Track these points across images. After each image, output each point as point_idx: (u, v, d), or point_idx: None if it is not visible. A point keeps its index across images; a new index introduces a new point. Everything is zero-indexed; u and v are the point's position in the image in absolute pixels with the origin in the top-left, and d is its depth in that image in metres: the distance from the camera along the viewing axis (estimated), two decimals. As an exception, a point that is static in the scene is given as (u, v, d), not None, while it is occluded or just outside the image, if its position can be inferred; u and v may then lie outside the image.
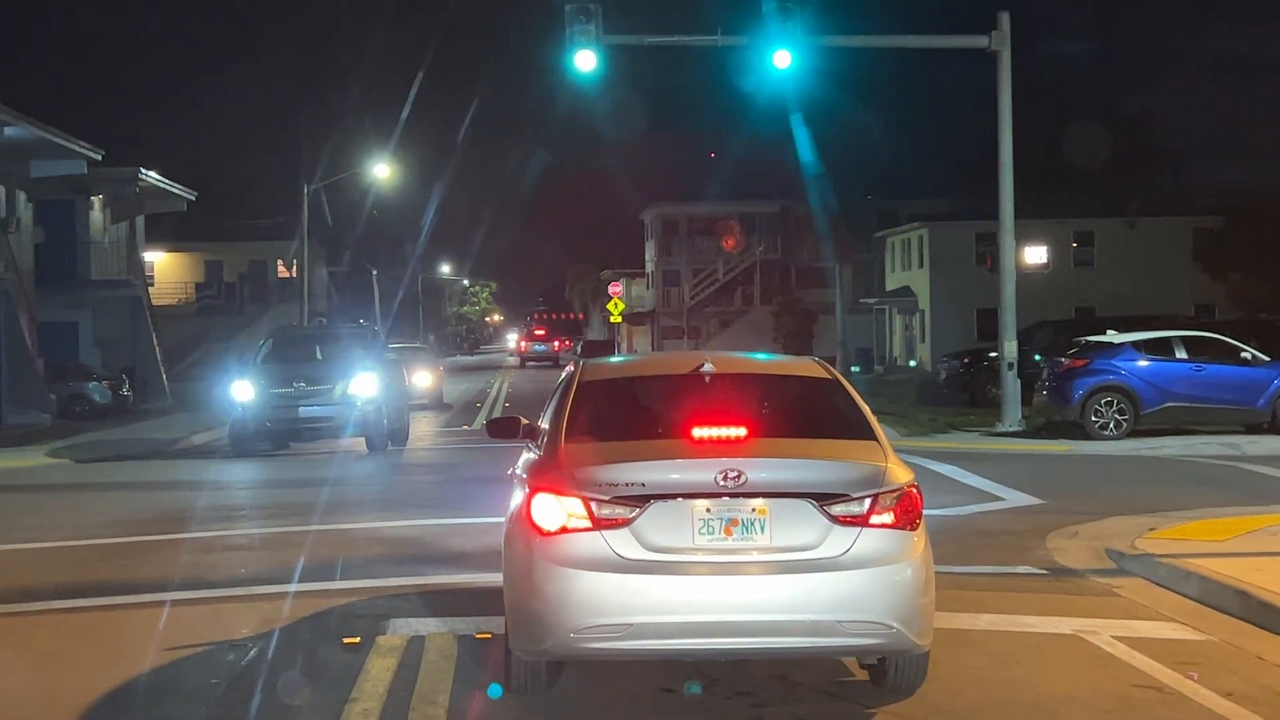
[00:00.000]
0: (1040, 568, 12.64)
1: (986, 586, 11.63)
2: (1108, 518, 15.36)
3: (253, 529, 16.01)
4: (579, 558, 7.29)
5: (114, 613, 11.11)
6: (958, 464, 21.71)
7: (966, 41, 29.22)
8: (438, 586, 11.76)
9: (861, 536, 7.40)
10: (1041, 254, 61.75)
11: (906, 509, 7.58)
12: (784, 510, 7.39)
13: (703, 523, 7.34)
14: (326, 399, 26.51)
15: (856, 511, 7.43)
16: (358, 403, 26.41)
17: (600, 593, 7.23)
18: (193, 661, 9.35)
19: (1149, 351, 26.39)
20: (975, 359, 39.33)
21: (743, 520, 7.36)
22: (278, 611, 10.85)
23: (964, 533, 14.66)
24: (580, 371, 8.74)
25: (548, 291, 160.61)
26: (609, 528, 7.31)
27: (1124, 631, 9.87)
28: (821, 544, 7.37)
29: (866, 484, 7.50)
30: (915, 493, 7.68)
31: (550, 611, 7.30)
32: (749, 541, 7.36)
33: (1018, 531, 14.74)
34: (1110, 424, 25.92)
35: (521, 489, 7.93)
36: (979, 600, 10.92)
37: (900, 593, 7.43)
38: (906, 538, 7.54)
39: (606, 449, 7.75)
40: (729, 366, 8.78)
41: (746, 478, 7.35)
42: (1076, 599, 11.17)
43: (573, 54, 27.24)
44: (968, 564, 12.55)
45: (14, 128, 35.50)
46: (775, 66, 27.77)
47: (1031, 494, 17.86)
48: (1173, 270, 62.40)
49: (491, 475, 19.02)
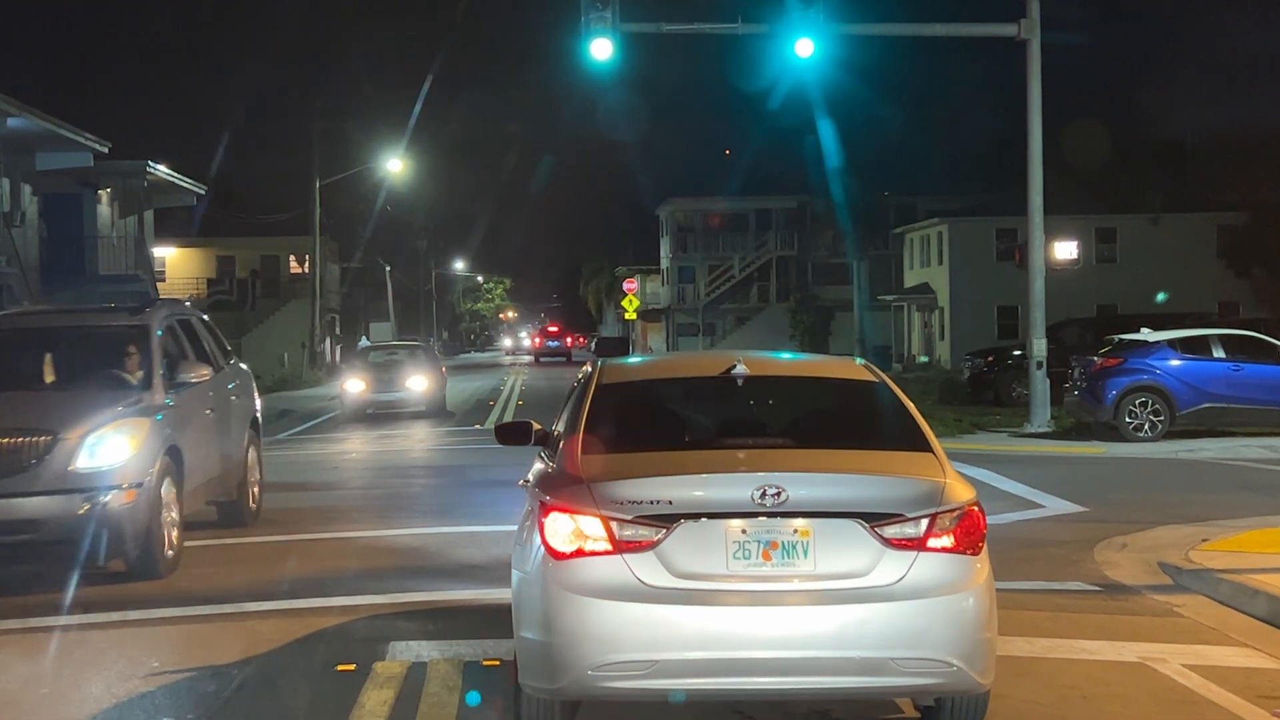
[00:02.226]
0: (1092, 583, 11.75)
1: (1039, 605, 10.75)
2: (1155, 527, 14.51)
3: (243, 538, 15.10)
4: (598, 585, 6.48)
5: (91, 633, 10.24)
6: (990, 467, 20.80)
7: (995, 29, 28.33)
8: (442, 604, 10.89)
9: (918, 562, 6.57)
10: (1072, 249, 60.50)
11: (968, 530, 6.71)
12: (830, 532, 6.56)
13: (738, 546, 6.53)
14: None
15: (912, 534, 6.59)
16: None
17: (622, 625, 6.42)
18: (169, 692, 8.50)
19: (1185, 350, 25.44)
20: (1000, 357, 38.43)
21: (783, 543, 6.54)
22: (268, 632, 9.99)
23: (1007, 544, 13.72)
24: (599, 373, 7.92)
25: (561, 288, 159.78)
26: (632, 551, 6.50)
27: (1194, 659, 9.00)
28: (872, 570, 6.54)
29: (923, 502, 6.66)
30: (978, 512, 6.82)
31: (566, 646, 6.48)
32: (790, 567, 6.54)
33: (1063, 542, 13.84)
34: (1145, 425, 24.99)
35: (533, 504, 7.09)
36: (1033, 622, 10.03)
37: (962, 626, 6.57)
38: (968, 563, 6.69)
39: (629, 461, 6.92)
40: (763, 368, 8.00)
41: (787, 495, 6.52)
42: (1137, 620, 10.29)
43: (589, 42, 26.47)
44: (1015, 579, 11.67)
45: (18, 119, 34.72)
46: (797, 55, 26.95)
47: (1071, 500, 16.92)
48: (1196, 267, 61.46)
49: (501, 479, 18.24)
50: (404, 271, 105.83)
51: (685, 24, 27.87)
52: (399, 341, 55.95)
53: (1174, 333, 26.51)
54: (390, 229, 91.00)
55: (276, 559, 13.45)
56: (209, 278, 74.54)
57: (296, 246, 71.56)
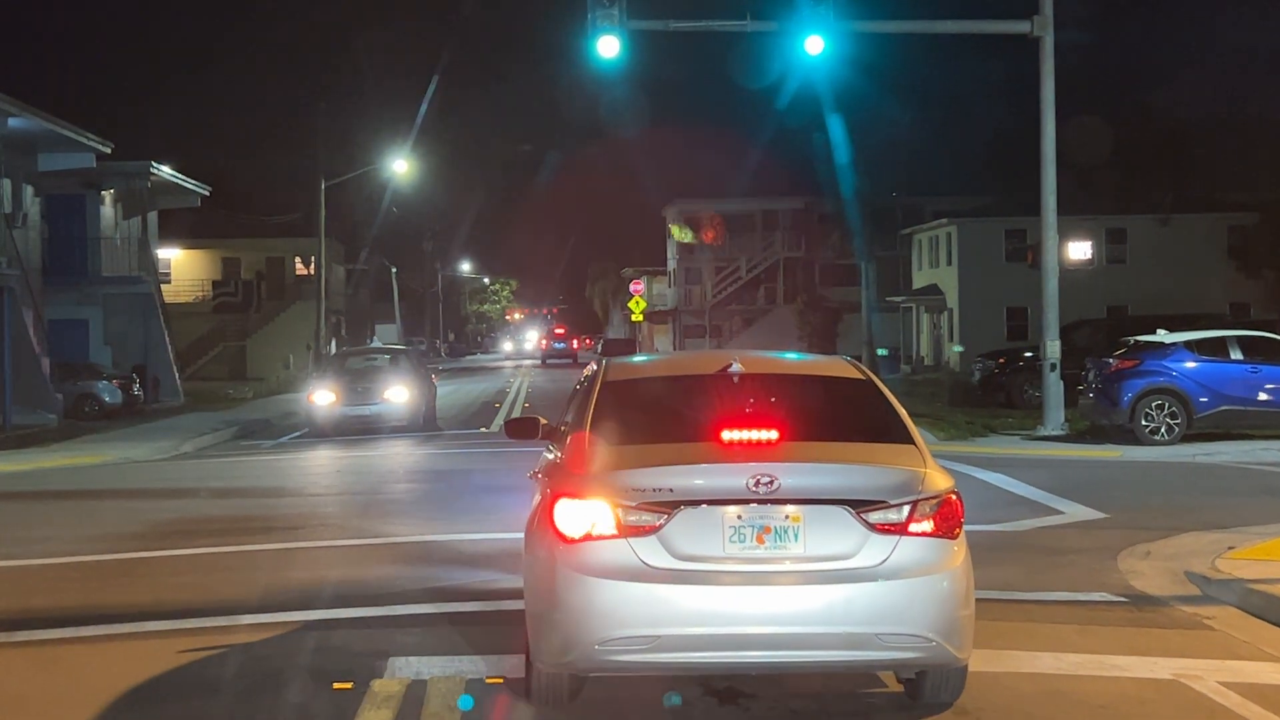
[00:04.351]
0: (1118, 594, 11.32)
1: (1065, 618, 10.34)
2: (1178, 534, 14.09)
3: (241, 545, 14.70)
4: (604, 566, 7.00)
5: (78, 646, 9.83)
6: (1004, 471, 20.40)
7: (1007, 27, 27.95)
8: (445, 615, 10.46)
9: (900, 545, 7.10)
10: (1086, 250, 59.71)
11: (946, 516, 7.24)
12: (819, 517, 7.08)
13: (734, 530, 7.06)
14: None
15: (895, 519, 7.12)
16: None
17: (626, 603, 6.94)
18: (155, 712, 8.11)
19: (1202, 352, 24.98)
20: (1011, 359, 37.98)
21: (775, 528, 7.07)
22: (263, 646, 9.58)
23: (1028, 552, 13.34)
24: (604, 371, 8.42)
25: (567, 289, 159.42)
26: (636, 535, 7.02)
27: (1230, 675, 8.59)
28: (858, 553, 7.07)
29: (905, 490, 7.20)
30: (956, 500, 7.34)
31: (574, 622, 7.02)
32: (782, 550, 7.07)
33: (1084, 550, 13.41)
34: (1161, 428, 24.55)
35: (543, 493, 7.69)
36: (1060, 637, 9.63)
37: (941, 604, 7.09)
38: (947, 546, 7.21)
39: (633, 453, 7.42)
40: (758, 366, 8.48)
41: (779, 483, 7.05)
42: (1167, 634, 9.87)
43: (595, 40, 26.20)
44: (1039, 590, 11.29)
45: (19, 118, 34.40)
46: (807, 53, 26.65)
47: (1090, 506, 16.49)
48: (1206, 268, 61.09)
49: (508, 484, 17.86)
50: (410, 273, 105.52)
51: (693, 21, 27.49)
52: (381, 346, 52.50)
53: (1191, 334, 26.07)
54: (396, 231, 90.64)
55: (273, 568, 13.06)
56: (214, 280, 74.25)
57: (302, 248, 71.28)
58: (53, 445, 29.36)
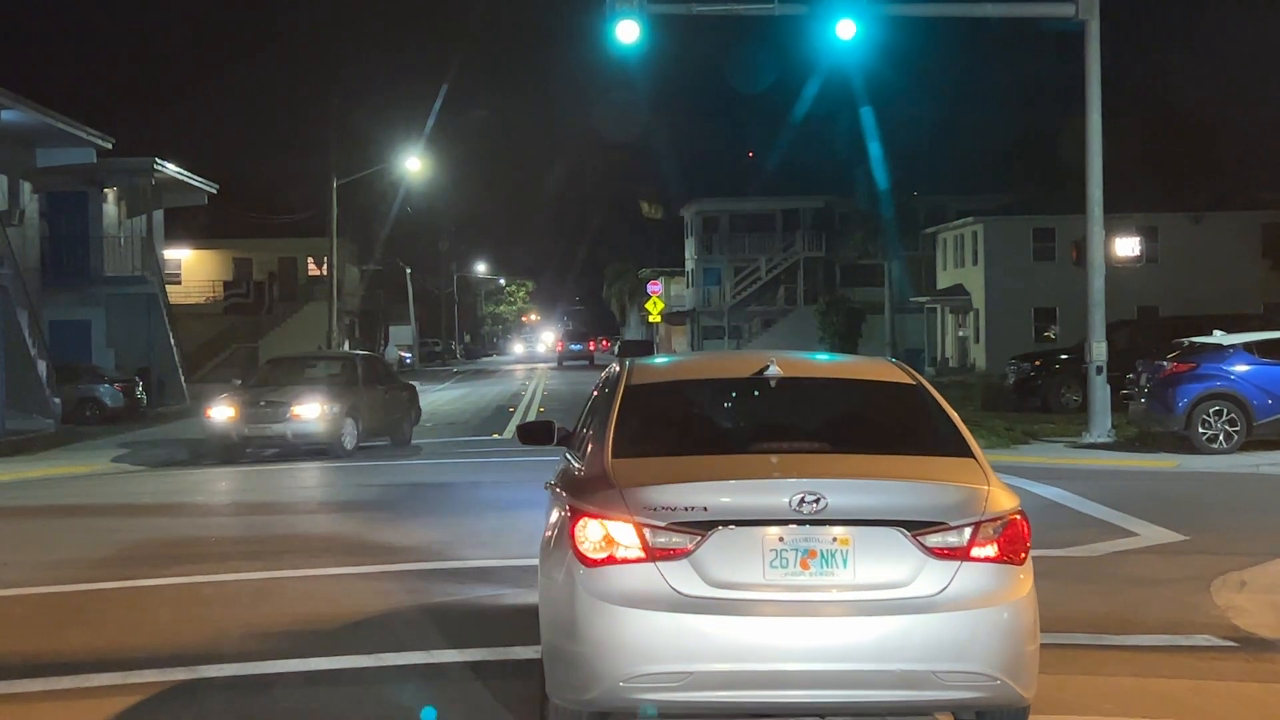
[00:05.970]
0: (1223, 637, 9.77)
1: (1170, 670, 8.82)
2: (1271, 560, 12.60)
3: (218, 575, 13.20)
4: (630, 593, 6.27)
5: (12, 706, 8.38)
6: (1057, 484, 18.86)
7: (1051, 10, 26.41)
8: (447, 665, 9.01)
9: (961, 572, 6.35)
10: (1134, 245, 57.46)
11: (1012, 539, 6.46)
12: (870, 540, 6.34)
13: (775, 554, 6.33)
14: None
15: (955, 543, 6.37)
16: None
17: (655, 635, 6.22)
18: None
19: (1264, 354, 23.35)
20: (1048, 360, 36.43)
21: (822, 552, 6.33)
22: (244, 708, 8.14)
23: (1110, 582, 11.79)
24: (628, 373, 7.64)
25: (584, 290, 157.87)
26: (665, 559, 6.30)
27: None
28: (914, 580, 6.33)
29: (966, 510, 6.42)
30: (1022, 520, 6.55)
31: (596, 656, 6.29)
32: (829, 577, 6.34)
33: (1172, 580, 11.85)
34: (1220, 436, 22.95)
35: (561, 509, 6.90)
36: (1175, 697, 8.12)
37: (1006, 639, 6.32)
38: (1012, 574, 6.44)
39: (662, 466, 6.69)
40: (797, 369, 7.69)
41: (826, 502, 6.30)
42: (1298, 691, 8.36)
43: (614, 24, 24.75)
44: (1135, 633, 9.78)
45: (12, 111, 33.01)
46: (837, 37, 25.14)
47: (1164, 525, 14.87)
48: (1239, 267, 59.58)
49: (520, 499, 16.37)
50: (426, 274, 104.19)
51: (717, 4, 25.98)
52: (333, 352, 44.65)
53: (1250, 335, 24.48)
54: (411, 231, 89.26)
55: (252, 603, 11.60)
56: (225, 280, 73.08)
57: (314, 248, 69.92)
58: (43, 453, 27.98)
